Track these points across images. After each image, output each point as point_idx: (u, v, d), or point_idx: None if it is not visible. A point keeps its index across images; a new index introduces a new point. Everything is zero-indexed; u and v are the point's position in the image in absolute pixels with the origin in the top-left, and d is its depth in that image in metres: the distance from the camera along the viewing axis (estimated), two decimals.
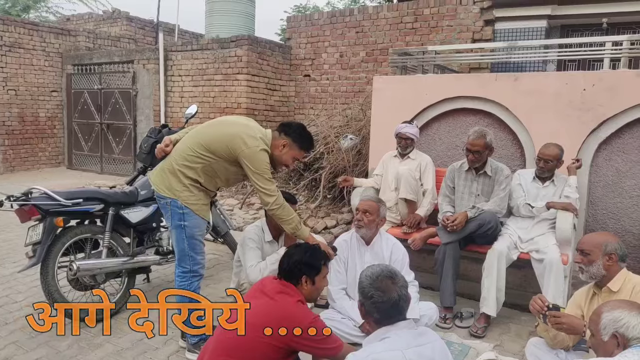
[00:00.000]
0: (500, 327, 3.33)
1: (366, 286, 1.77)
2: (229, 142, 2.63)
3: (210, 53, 8.78)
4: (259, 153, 2.62)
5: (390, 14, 8.43)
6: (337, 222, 5.47)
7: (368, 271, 1.81)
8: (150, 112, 9.43)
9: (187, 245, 2.75)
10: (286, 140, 2.74)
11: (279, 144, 2.74)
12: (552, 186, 3.55)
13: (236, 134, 2.64)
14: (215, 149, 2.66)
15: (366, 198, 3.21)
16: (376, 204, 3.12)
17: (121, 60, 9.77)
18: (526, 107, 4.00)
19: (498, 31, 7.66)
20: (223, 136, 2.67)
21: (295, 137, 2.76)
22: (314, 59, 9.22)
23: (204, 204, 2.78)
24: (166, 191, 2.72)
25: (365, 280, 1.79)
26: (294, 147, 2.76)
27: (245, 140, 2.62)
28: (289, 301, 2.11)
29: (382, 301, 1.74)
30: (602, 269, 2.25)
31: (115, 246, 3.36)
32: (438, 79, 4.84)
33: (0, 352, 2.90)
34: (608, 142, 3.78)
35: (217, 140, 2.67)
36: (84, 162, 10.46)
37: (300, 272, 2.23)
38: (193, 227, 2.74)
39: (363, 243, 3.15)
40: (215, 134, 2.71)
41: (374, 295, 1.74)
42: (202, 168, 2.70)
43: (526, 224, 3.50)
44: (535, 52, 5.15)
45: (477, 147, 3.49)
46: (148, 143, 3.67)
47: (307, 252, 2.30)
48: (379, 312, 1.74)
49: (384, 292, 1.75)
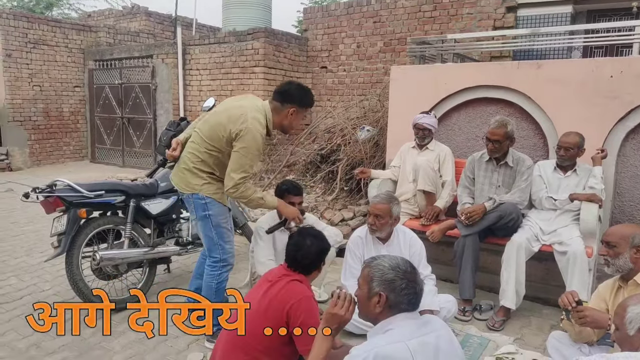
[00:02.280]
0: (521, 320, 3.27)
1: (394, 278, 1.70)
2: (223, 129, 2.67)
3: (228, 46, 8.80)
4: (254, 138, 2.62)
5: (408, 2, 8.29)
6: (355, 214, 5.44)
7: (386, 262, 1.76)
8: (170, 106, 9.52)
9: (215, 235, 2.80)
10: (293, 107, 2.75)
11: (286, 113, 2.76)
12: (575, 176, 3.46)
13: (228, 123, 2.66)
14: (215, 143, 2.73)
15: (377, 200, 3.01)
16: (387, 206, 2.95)
17: (141, 55, 9.87)
18: (550, 95, 3.89)
19: (521, 18, 7.46)
20: (217, 127, 2.71)
21: (299, 101, 2.77)
22: (330, 50, 9.16)
23: (224, 192, 2.80)
24: (186, 188, 2.81)
25: (390, 272, 1.72)
26: (301, 111, 2.81)
27: (236, 126, 2.63)
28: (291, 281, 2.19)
29: (414, 292, 1.71)
30: (629, 262, 2.18)
31: (136, 237, 3.43)
32: (458, 68, 4.75)
33: (30, 338, 2.97)
34: (637, 132, 3.66)
35: (214, 134, 2.72)
36: (106, 156, 10.64)
37: (320, 260, 2.29)
38: (217, 215, 2.80)
39: (379, 241, 3.09)
40: (211, 127, 2.75)
41: (405, 286, 1.70)
42: (214, 162, 2.77)
43: (548, 216, 3.42)
44: (560, 39, 5.00)
45: (497, 137, 3.42)
46: (167, 136, 3.70)
47: (316, 238, 2.33)
48: (408, 302, 1.71)
49: (414, 281, 1.73)
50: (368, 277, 1.75)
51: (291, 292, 2.14)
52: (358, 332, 2.82)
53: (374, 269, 1.75)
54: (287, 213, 2.97)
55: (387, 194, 3.09)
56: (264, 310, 2.10)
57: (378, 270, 1.74)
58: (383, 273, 1.72)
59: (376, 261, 1.78)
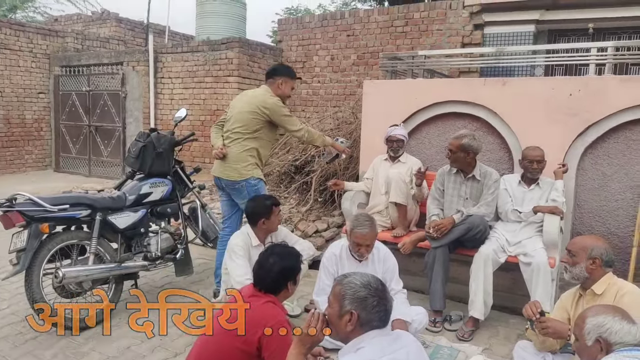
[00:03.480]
0: (490, 330, 3.35)
1: (366, 295, 1.71)
2: (252, 114, 3.52)
3: (201, 55, 8.75)
4: (276, 105, 3.53)
5: (381, 17, 8.46)
6: (329, 225, 5.47)
7: (358, 280, 1.76)
8: (140, 115, 9.37)
9: None
10: (280, 78, 3.61)
11: (276, 85, 3.61)
12: (538, 189, 3.59)
13: (254, 106, 3.52)
14: (254, 126, 3.53)
15: (365, 232, 2.90)
16: (374, 233, 2.96)
17: (110, 62, 9.70)
18: (514, 111, 4.03)
19: (487, 35, 7.72)
20: (249, 115, 3.53)
21: (284, 72, 3.66)
22: (305, 62, 9.22)
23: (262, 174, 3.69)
24: (239, 176, 3.54)
25: (362, 289, 1.72)
26: (287, 80, 3.64)
27: (261, 104, 3.51)
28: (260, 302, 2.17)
29: (384, 309, 1.73)
30: (585, 272, 2.29)
31: (102, 252, 3.32)
32: (428, 83, 4.87)
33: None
34: (594, 147, 3.83)
35: (249, 121, 3.53)
36: (72, 165, 10.36)
37: (287, 280, 2.25)
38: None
39: (353, 258, 3.06)
40: (243, 119, 3.56)
41: (377, 303, 1.71)
42: (258, 143, 3.57)
43: (514, 228, 3.54)
44: (523, 57, 5.21)
45: (452, 147, 3.57)
46: (137, 147, 3.65)
47: (283, 257, 2.29)
48: (379, 319, 1.72)
49: (384, 298, 1.74)
50: (339, 295, 1.75)
51: (264, 315, 2.11)
52: (330, 346, 2.82)
53: (346, 287, 1.75)
54: (339, 148, 3.89)
55: (367, 218, 2.97)
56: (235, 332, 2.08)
57: (350, 288, 1.74)
58: (355, 291, 1.72)
59: (347, 279, 1.79)
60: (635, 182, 3.69)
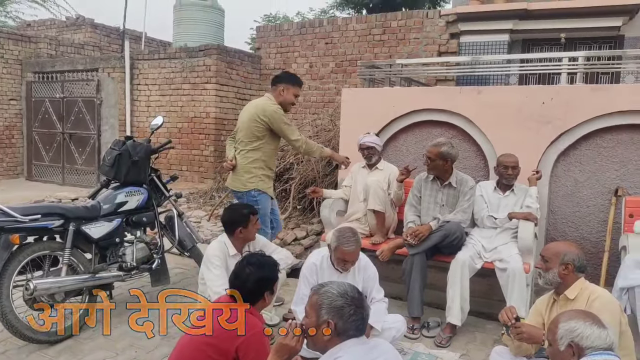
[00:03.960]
0: (467, 336, 3.38)
1: (343, 305, 1.71)
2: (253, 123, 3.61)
3: (178, 62, 8.69)
4: (275, 113, 3.57)
5: (359, 25, 8.54)
6: (307, 233, 5.46)
7: (335, 289, 1.76)
8: (116, 122, 9.23)
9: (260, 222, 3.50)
10: (282, 85, 3.66)
11: (278, 92, 3.67)
12: (513, 196, 3.66)
13: (254, 115, 3.60)
14: (256, 134, 3.61)
15: (351, 249, 2.86)
16: (360, 248, 2.94)
17: (85, 68, 9.53)
18: (489, 119, 4.11)
19: (463, 44, 7.87)
20: (250, 123, 3.63)
21: (286, 80, 3.71)
22: (283, 69, 9.22)
23: (270, 186, 3.77)
24: (242, 187, 3.67)
25: (339, 299, 1.72)
26: (289, 87, 3.68)
27: (261, 113, 3.58)
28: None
29: (361, 318, 1.73)
30: (558, 277, 2.33)
31: (75, 263, 3.23)
32: (405, 92, 4.93)
33: None
34: (566, 154, 3.93)
35: (250, 132, 3.62)
36: (45, 173, 10.11)
37: (263, 289, 2.22)
38: (264, 208, 3.67)
39: (334, 269, 3.03)
40: (245, 129, 3.67)
41: (353, 312, 1.71)
42: (263, 153, 3.65)
43: (489, 234, 3.59)
44: (498, 66, 5.32)
45: (430, 154, 3.62)
46: (112, 155, 3.58)
47: (260, 267, 2.26)
48: (355, 328, 1.72)
49: (361, 307, 1.74)
50: (316, 304, 1.75)
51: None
52: (309, 356, 2.81)
53: (323, 296, 1.75)
54: (338, 159, 3.99)
55: (352, 234, 2.92)
56: (212, 341, 2.05)
57: (327, 298, 1.74)
58: (332, 300, 1.73)
59: (324, 288, 1.78)
60: (606, 188, 3.80)
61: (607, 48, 7.44)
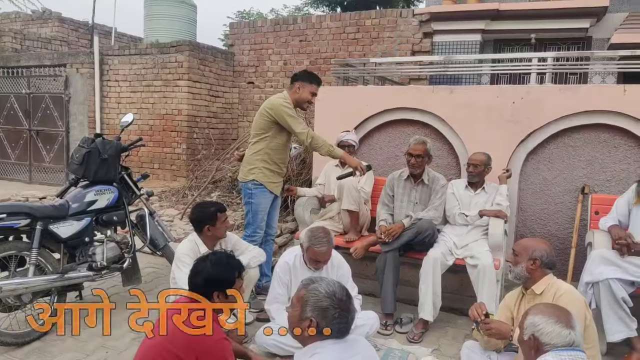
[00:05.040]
0: (438, 331, 3.43)
1: (328, 306, 1.71)
2: (260, 116, 3.62)
3: (150, 58, 8.53)
4: (281, 105, 3.52)
5: (333, 24, 8.56)
6: (282, 231, 5.44)
7: (323, 288, 1.76)
8: (85, 119, 9.00)
9: (251, 217, 3.65)
10: (298, 83, 3.62)
11: (294, 89, 3.62)
12: (484, 193, 3.73)
13: (262, 109, 3.61)
14: (262, 127, 3.59)
15: (323, 249, 2.88)
16: (331, 248, 2.95)
17: (53, 63, 9.26)
18: (461, 118, 4.17)
19: (436, 43, 7.98)
20: (258, 117, 3.64)
21: (303, 78, 3.65)
22: (257, 66, 9.18)
23: (273, 181, 3.68)
24: (242, 177, 3.67)
25: (326, 299, 1.72)
26: (305, 85, 3.62)
27: (267, 105, 3.58)
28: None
29: (345, 322, 1.73)
30: (525, 272, 2.39)
31: (43, 263, 3.14)
32: (378, 91, 4.96)
33: None
34: (535, 152, 4.02)
35: (258, 123, 3.63)
36: (11, 171, 9.79)
37: (211, 288, 2.17)
38: (258, 204, 3.62)
39: (307, 268, 3.03)
40: (255, 121, 3.68)
41: (338, 315, 1.71)
42: (267, 145, 3.59)
43: (461, 231, 3.65)
44: (471, 66, 5.42)
45: (419, 152, 3.63)
46: (80, 153, 3.49)
47: (215, 265, 2.20)
48: (338, 330, 1.72)
49: (347, 310, 1.74)
50: (303, 299, 1.75)
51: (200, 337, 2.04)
52: (283, 353, 2.81)
53: (310, 293, 1.75)
54: (352, 163, 3.58)
55: (324, 234, 2.92)
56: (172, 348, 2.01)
57: (313, 296, 1.74)
58: (318, 299, 1.73)
59: (313, 284, 1.78)
60: (574, 186, 3.91)
61: (576, 49, 7.67)
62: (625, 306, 2.84)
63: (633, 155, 3.72)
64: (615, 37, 6.82)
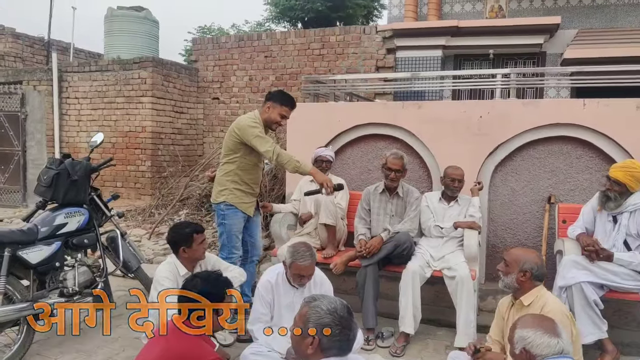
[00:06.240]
0: (419, 343, 3.48)
1: (329, 323, 1.71)
2: (229, 136, 3.57)
3: (111, 74, 8.34)
4: (247, 126, 3.45)
5: (298, 40, 8.64)
6: None
7: (324, 305, 1.76)
8: (43, 137, 8.67)
9: (226, 239, 3.57)
10: (269, 103, 3.55)
11: (264, 109, 3.56)
12: (457, 206, 3.83)
13: (231, 129, 3.55)
14: (231, 148, 3.54)
15: (307, 263, 2.84)
16: (315, 262, 2.93)
17: (7, 80, 8.89)
18: (430, 133, 4.29)
19: (399, 59, 8.19)
20: (227, 137, 3.59)
21: (275, 98, 3.56)
22: (222, 82, 9.13)
23: (245, 202, 3.60)
24: (214, 199, 3.63)
25: (327, 316, 1.72)
26: (276, 106, 3.54)
27: (235, 125, 3.53)
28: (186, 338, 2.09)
29: (346, 339, 1.73)
30: (515, 282, 2.46)
31: (11, 291, 2.99)
32: (349, 106, 5.03)
33: None
34: (503, 165, 4.17)
35: (226, 144, 3.58)
36: None
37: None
38: (232, 225, 3.55)
39: (290, 286, 3.00)
40: (225, 142, 3.64)
41: (339, 332, 1.71)
42: (237, 166, 3.53)
43: (436, 243, 3.73)
44: (433, 82, 5.60)
45: (398, 166, 3.70)
46: (49, 175, 3.36)
47: (206, 282, 2.25)
48: (339, 348, 1.72)
49: (348, 328, 1.74)
50: (305, 317, 1.75)
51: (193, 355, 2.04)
52: None
53: (312, 310, 1.75)
54: (320, 179, 3.40)
55: (307, 249, 2.90)
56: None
57: (315, 313, 1.73)
58: (319, 316, 1.72)
59: (315, 302, 1.78)
60: (540, 196, 4.07)
61: (531, 64, 8.06)
62: (597, 309, 2.97)
63: (594, 165, 3.93)
64: (567, 53, 7.22)
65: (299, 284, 2.94)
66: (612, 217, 3.26)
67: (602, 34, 7.73)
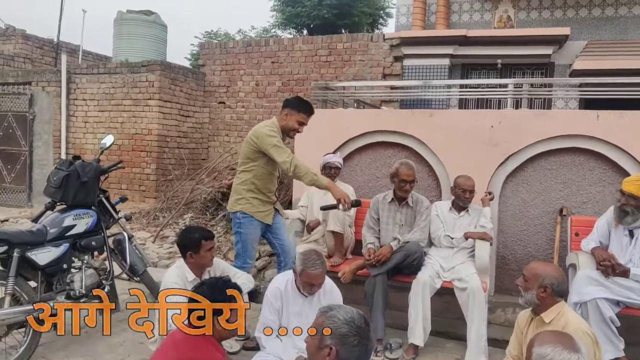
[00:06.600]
0: (428, 356, 3.43)
1: (347, 333, 1.68)
2: (246, 144, 3.50)
3: (119, 77, 8.35)
4: (265, 135, 3.38)
5: (305, 46, 8.64)
6: (260, 254, 5.35)
7: (341, 315, 1.73)
8: (50, 138, 8.68)
9: (241, 248, 3.52)
10: (286, 110, 3.48)
11: (282, 116, 3.50)
12: (468, 216, 3.79)
13: (248, 137, 3.50)
14: (249, 156, 3.48)
15: (317, 272, 2.81)
16: (325, 270, 2.90)
17: (16, 81, 8.91)
18: (441, 141, 4.26)
19: (406, 67, 8.17)
20: (245, 145, 3.53)
21: (292, 105, 3.49)
22: (229, 87, 9.14)
23: (261, 210, 3.52)
24: (231, 207, 3.56)
25: (344, 326, 1.69)
26: (293, 113, 3.47)
27: (253, 133, 3.46)
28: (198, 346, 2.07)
29: (365, 349, 1.70)
30: (536, 299, 2.37)
31: (19, 292, 2.97)
32: (359, 114, 5.02)
33: None
34: (514, 175, 4.14)
35: (244, 152, 3.53)
36: None
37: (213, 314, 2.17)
38: (247, 234, 3.49)
39: (299, 294, 2.95)
40: (242, 149, 3.59)
41: (358, 343, 1.68)
42: (254, 175, 3.47)
43: (447, 253, 3.69)
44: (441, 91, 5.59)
45: (412, 177, 3.68)
46: (58, 176, 3.35)
47: (215, 290, 2.21)
48: (357, 358, 1.69)
49: (366, 338, 1.71)
50: (321, 327, 1.71)
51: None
52: None
53: (328, 320, 1.71)
54: (337, 194, 3.31)
55: (317, 257, 2.86)
56: None
57: (332, 323, 1.70)
58: (337, 327, 1.69)
59: (331, 312, 1.75)
60: (552, 207, 4.03)
61: (539, 74, 8.04)
62: (613, 326, 2.91)
63: (607, 177, 3.89)
64: (576, 64, 7.19)
65: (308, 292, 2.90)
66: (628, 231, 3.20)
67: (611, 45, 7.70)
